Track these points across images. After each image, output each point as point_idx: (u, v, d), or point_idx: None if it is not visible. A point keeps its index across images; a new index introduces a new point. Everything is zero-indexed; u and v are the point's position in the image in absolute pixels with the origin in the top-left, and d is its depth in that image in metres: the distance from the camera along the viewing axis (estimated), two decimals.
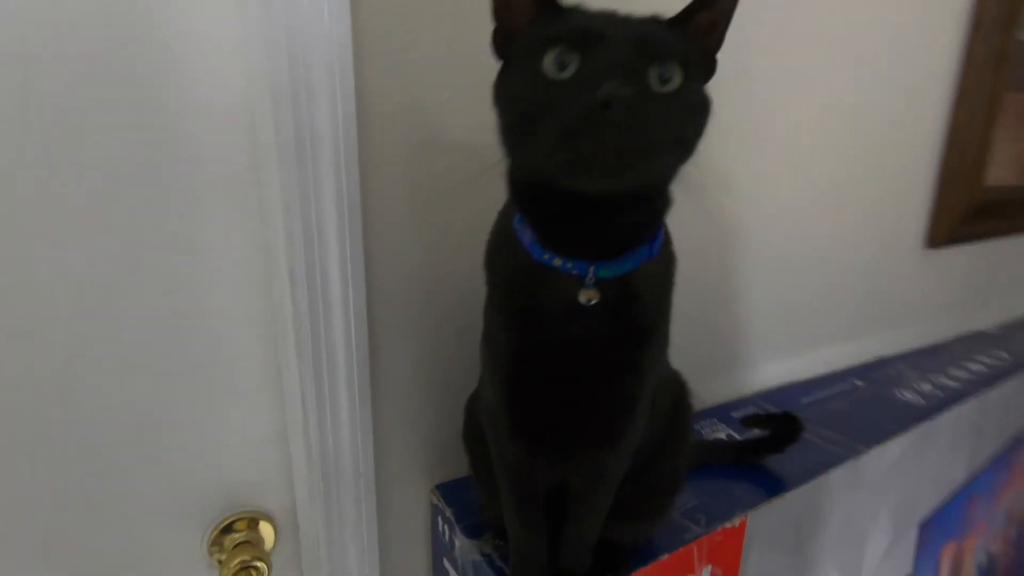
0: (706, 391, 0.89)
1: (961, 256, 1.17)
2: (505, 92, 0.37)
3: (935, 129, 1.05)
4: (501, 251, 0.43)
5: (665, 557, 0.56)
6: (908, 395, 0.94)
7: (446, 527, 0.64)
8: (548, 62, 0.32)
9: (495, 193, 0.47)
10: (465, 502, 0.64)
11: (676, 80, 0.33)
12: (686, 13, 0.36)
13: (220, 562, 0.62)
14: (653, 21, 0.36)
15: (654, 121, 0.31)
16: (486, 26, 0.39)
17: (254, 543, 0.65)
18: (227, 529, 0.63)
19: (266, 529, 0.65)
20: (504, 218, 0.43)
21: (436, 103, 0.59)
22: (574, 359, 0.40)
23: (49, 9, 0.45)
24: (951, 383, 0.99)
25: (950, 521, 0.99)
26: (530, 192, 0.39)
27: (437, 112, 0.59)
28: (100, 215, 0.49)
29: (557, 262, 0.38)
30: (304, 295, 0.56)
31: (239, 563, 0.61)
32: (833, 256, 0.99)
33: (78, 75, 0.46)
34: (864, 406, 0.90)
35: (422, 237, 0.61)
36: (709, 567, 0.61)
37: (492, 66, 0.38)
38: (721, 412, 0.86)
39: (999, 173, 1.12)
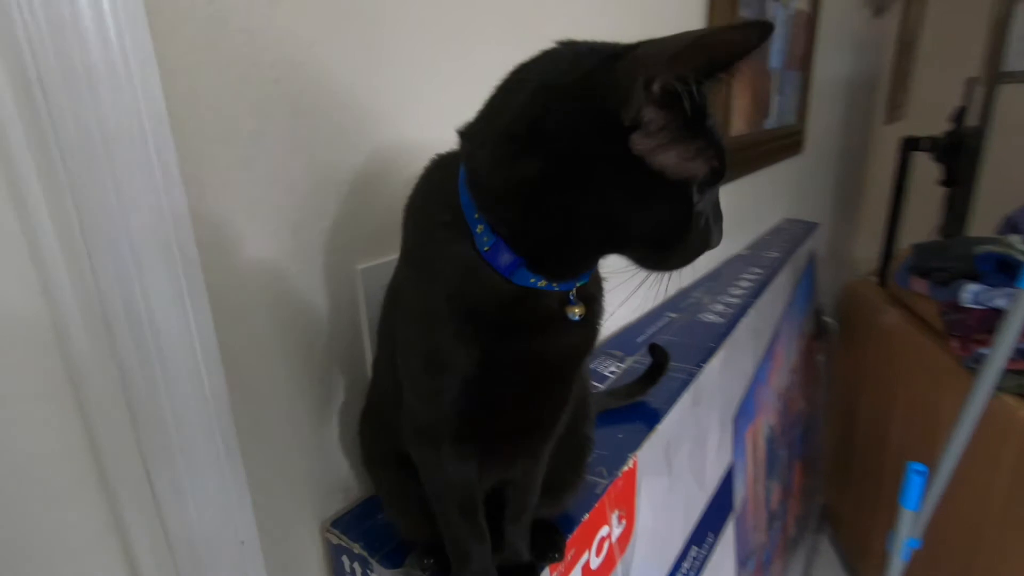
0: None
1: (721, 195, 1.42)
2: (644, 199, 0.33)
3: None
4: (455, 273, 0.38)
5: (586, 517, 0.59)
6: (710, 316, 1.12)
7: (356, 565, 0.57)
8: (695, 193, 0.33)
9: (349, 182, 0.41)
10: (371, 529, 0.58)
11: None
12: None
13: None
14: None
15: None
16: None
17: None
18: None
19: None
20: (446, 234, 0.38)
21: (264, 84, 0.48)
22: (546, 369, 0.40)
23: None
24: (734, 300, 1.21)
25: (748, 409, 1.22)
26: (558, 244, 0.36)
27: (267, 95, 0.49)
28: None
29: (543, 284, 0.37)
30: (130, 346, 0.42)
31: None
32: None
33: None
34: (684, 333, 1.04)
35: (274, 239, 0.51)
36: (616, 511, 0.65)
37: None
38: None
39: (736, 125, 1.37)
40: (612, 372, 0.88)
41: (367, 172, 0.57)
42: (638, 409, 0.79)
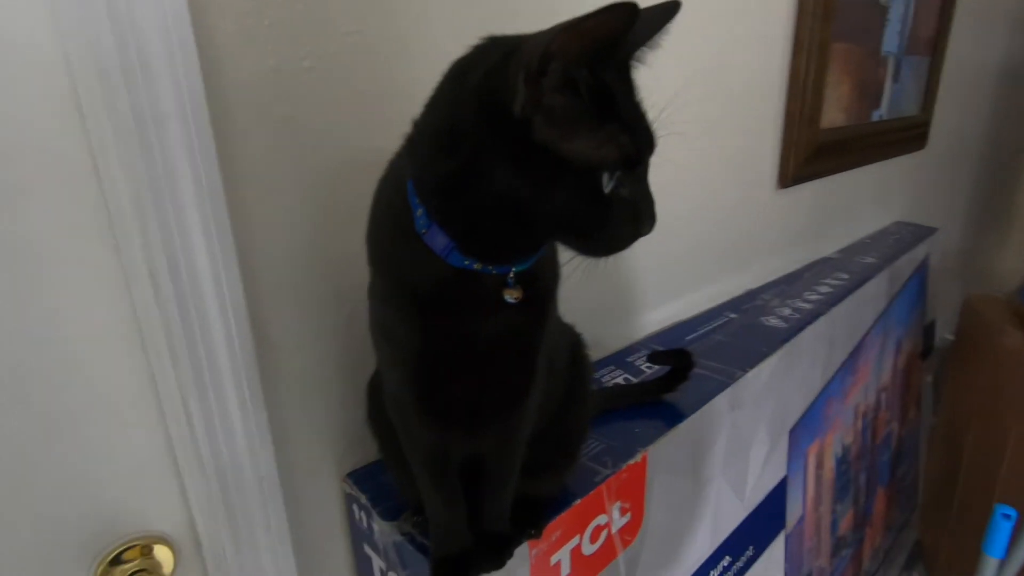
0: (603, 341, 0.94)
1: (805, 193, 1.32)
2: (546, 188, 0.33)
3: (779, 78, 1.15)
4: (399, 252, 0.41)
5: (578, 502, 0.60)
6: (773, 320, 1.05)
7: (363, 514, 0.63)
8: (605, 179, 0.33)
9: (375, 170, 0.45)
10: (380, 485, 0.63)
11: None
12: None
13: None
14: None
15: None
16: None
17: (150, 570, 0.59)
18: (115, 561, 0.57)
19: (163, 553, 0.60)
20: (393, 215, 0.41)
21: (297, 72, 0.54)
22: (488, 348, 0.42)
23: None
24: (806, 305, 1.12)
25: (813, 423, 1.14)
26: (481, 227, 0.37)
27: (300, 82, 0.54)
28: None
29: (478, 266, 0.39)
30: (171, 295, 0.50)
31: None
32: (701, 204, 1.06)
33: None
34: (739, 335, 1.00)
35: (301, 216, 0.57)
36: (618, 503, 0.65)
37: (352, 35, 0.35)
38: (617, 359, 0.91)
39: (831, 115, 1.26)
40: (649, 367, 0.87)
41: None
42: (662, 407, 0.77)
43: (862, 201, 1.57)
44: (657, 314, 1.03)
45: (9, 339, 0.46)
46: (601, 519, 0.64)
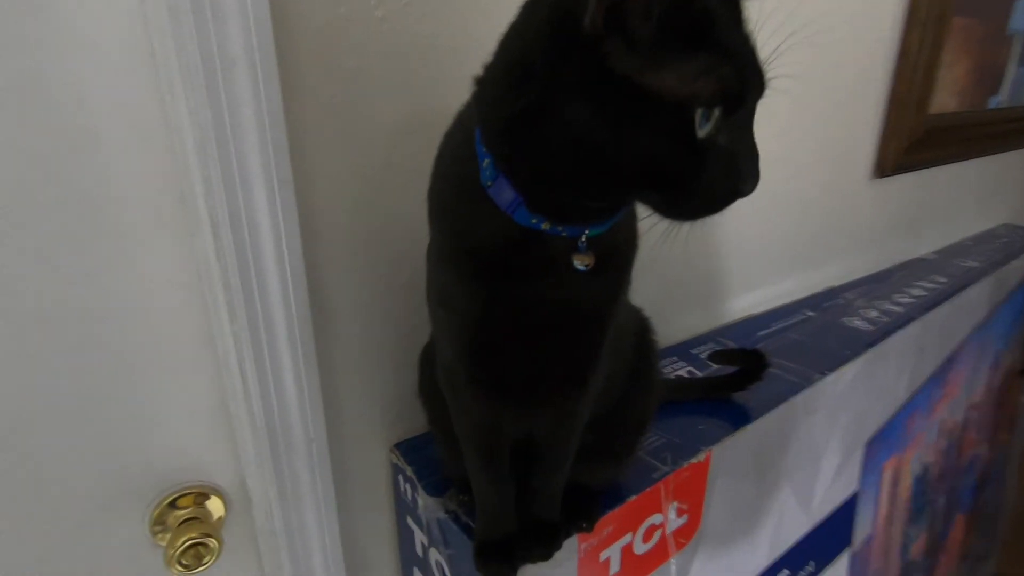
0: (666, 329, 0.88)
1: (904, 185, 1.20)
2: (628, 127, 0.29)
3: (885, 56, 1.04)
4: (462, 207, 0.38)
5: (633, 498, 0.56)
6: (857, 322, 0.96)
7: (408, 486, 0.61)
8: (698, 117, 0.28)
9: (442, 126, 0.42)
10: (427, 459, 0.62)
11: None
12: None
13: (165, 542, 0.57)
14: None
15: None
16: None
17: (202, 519, 0.60)
18: (171, 505, 0.58)
19: (215, 504, 0.60)
20: (457, 169, 0.38)
21: (368, 22, 0.51)
22: (555, 318, 0.38)
23: None
24: (896, 308, 1.02)
25: (892, 437, 1.04)
26: (552, 176, 0.33)
27: (371, 33, 0.52)
28: None
29: (546, 226, 0.35)
30: (231, 248, 0.49)
31: (186, 541, 0.57)
32: (784, 190, 0.98)
33: None
34: (817, 335, 0.92)
35: (363, 174, 0.55)
36: (675, 503, 0.61)
37: None
38: (681, 350, 0.85)
39: (941, 100, 1.13)
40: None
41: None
42: (728, 405, 0.72)
43: (967, 198, 1.42)
44: (728, 306, 0.96)
45: (80, 281, 0.47)
46: (656, 518, 0.60)
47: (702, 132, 0.28)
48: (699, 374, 0.79)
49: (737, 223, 0.92)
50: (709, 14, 0.27)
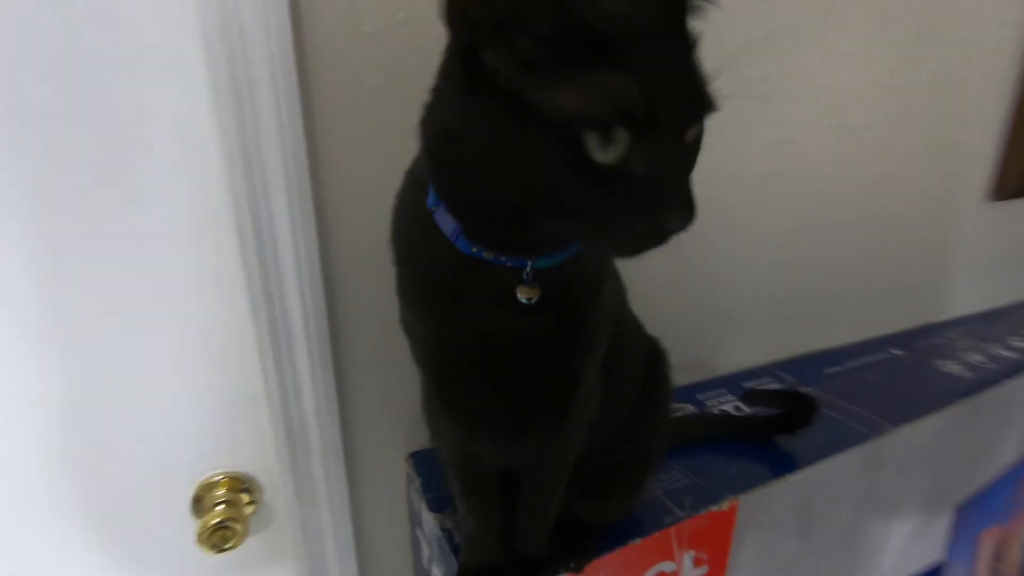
0: (711, 357, 0.82)
1: None
2: (506, 141, 0.27)
3: (1010, 61, 0.89)
4: (412, 233, 0.37)
5: (637, 541, 0.52)
6: (953, 366, 0.84)
7: (416, 497, 0.61)
8: (592, 141, 0.25)
9: None
10: (438, 471, 0.61)
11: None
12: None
13: (201, 520, 0.62)
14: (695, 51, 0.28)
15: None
16: None
17: (234, 503, 0.64)
18: (210, 486, 0.63)
19: (247, 492, 0.64)
20: (413, 192, 0.37)
21: (393, 38, 0.52)
22: (505, 352, 0.36)
23: None
24: (1008, 354, 0.88)
25: (993, 504, 0.89)
26: (470, 194, 0.31)
27: (395, 50, 0.52)
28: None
29: (488, 255, 0.33)
30: (253, 256, 0.52)
31: (217, 522, 0.61)
32: (876, 208, 0.87)
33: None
34: (899, 378, 0.81)
35: (383, 187, 0.56)
36: (691, 553, 0.56)
37: None
38: (732, 382, 0.79)
39: None
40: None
41: None
42: (770, 450, 0.65)
43: None
44: (792, 336, 0.87)
45: (137, 272, 0.52)
46: (666, 565, 0.55)
47: (604, 157, 0.25)
48: (746, 410, 0.72)
49: (809, 240, 0.83)
50: (607, 32, 0.25)
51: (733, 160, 0.72)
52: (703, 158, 0.30)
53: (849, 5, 0.74)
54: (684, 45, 0.28)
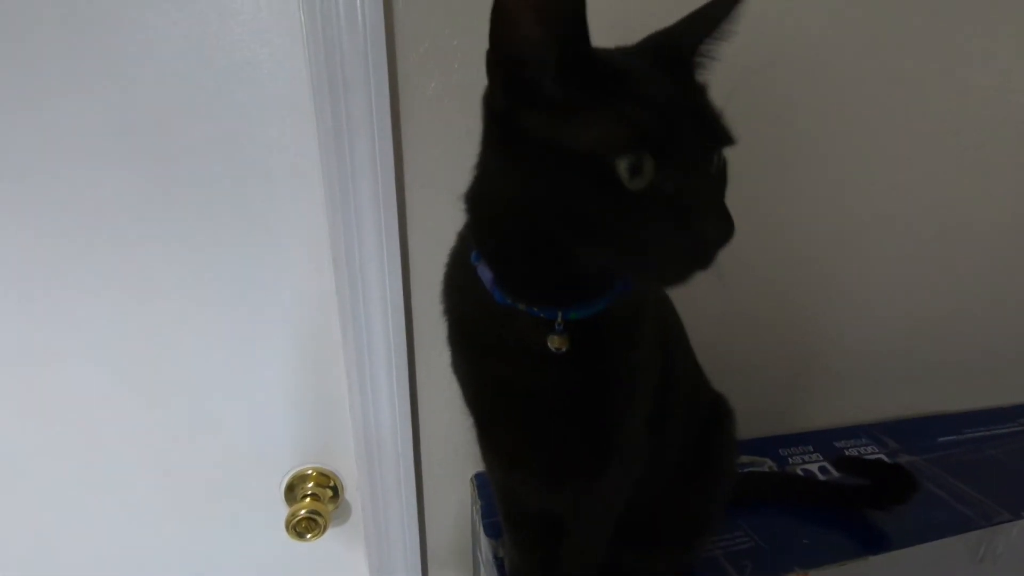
0: (807, 407, 0.76)
1: None
2: (547, 184, 0.29)
3: None
4: (457, 283, 0.40)
5: None
6: None
7: (477, 519, 0.64)
8: (623, 168, 0.27)
9: None
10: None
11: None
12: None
13: (290, 508, 0.69)
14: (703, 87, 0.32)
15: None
16: None
17: (320, 497, 0.71)
18: (303, 478, 0.70)
19: (332, 489, 0.71)
20: (461, 250, 0.40)
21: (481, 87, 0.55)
22: (536, 402, 0.38)
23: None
24: None
25: None
26: (507, 246, 0.34)
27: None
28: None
29: (522, 306, 0.35)
30: (345, 281, 0.58)
31: (305, 512, 0.67)
32: (1015, 255, 0.76)
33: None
34: None
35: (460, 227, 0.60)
36: None
37: None
38: (822, 438, 0.73)
39: None
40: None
41: None
42: (856, 523, 0.59)
43: None
44: (901, 392, 0.79)
45: (253, 291, 0.59)
46: None
47: (634, 184, 0.27)
48: (835, 474, 0.67)
49: (932, 290, 0.75)
50: (617, 69, 0.28)
51: (853, 199, 0.67)
52: (820, 192, 0.30)
53: (989, 34, 0.66)
54: (693, 88, 0.31)
